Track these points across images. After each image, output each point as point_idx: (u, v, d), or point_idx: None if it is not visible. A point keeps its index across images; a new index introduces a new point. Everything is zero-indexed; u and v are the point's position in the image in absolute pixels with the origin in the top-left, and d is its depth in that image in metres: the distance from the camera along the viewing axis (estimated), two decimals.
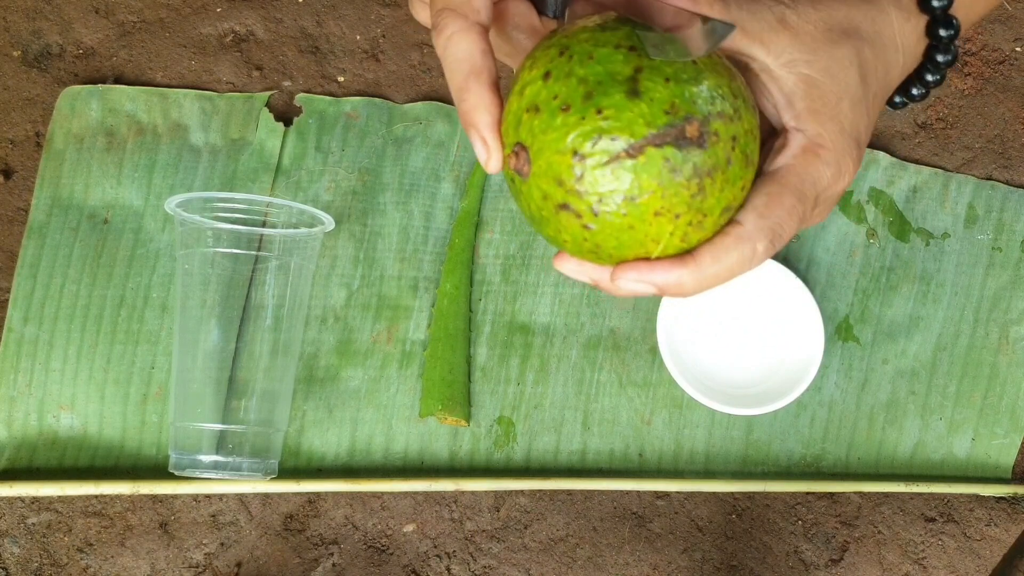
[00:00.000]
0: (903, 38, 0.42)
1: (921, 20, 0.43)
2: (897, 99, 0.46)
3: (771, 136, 0.42)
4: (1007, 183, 0.79)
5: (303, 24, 0.78)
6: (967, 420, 0.76)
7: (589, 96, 0.34)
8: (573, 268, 0.40)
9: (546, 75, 0.36)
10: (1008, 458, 0.76)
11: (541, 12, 0.41)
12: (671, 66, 0.35)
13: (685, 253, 0.37)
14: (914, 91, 0.45)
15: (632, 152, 0.34)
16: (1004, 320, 0.77)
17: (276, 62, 0.77)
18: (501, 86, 0.38)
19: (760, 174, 0.39)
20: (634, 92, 0.34)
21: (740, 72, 0.39)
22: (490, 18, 0.38)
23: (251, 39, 0.78)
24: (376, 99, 0.76)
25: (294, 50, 0.77)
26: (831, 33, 0.40)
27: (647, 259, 0.37)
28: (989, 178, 0.79)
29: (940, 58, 0.44)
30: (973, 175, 0.79)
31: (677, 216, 0.35)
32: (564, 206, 0.35)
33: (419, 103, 0.76)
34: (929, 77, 0.44)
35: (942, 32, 0.43)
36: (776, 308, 0.74)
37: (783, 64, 0.39)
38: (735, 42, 0.39)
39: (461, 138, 0.76)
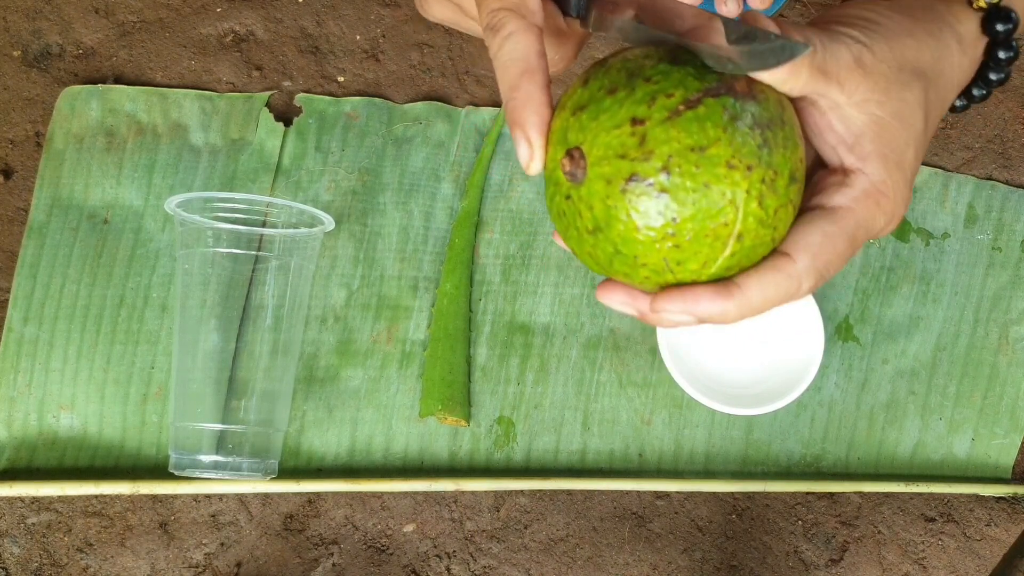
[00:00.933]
0: (961, 73, 0.42)
1: (979, 49, 0.43)
2: (958, 103, 0.45)
3: (817, 170, 0.41)
4: (1007, 183, 0.79)
5: (303, 24, 0.78)
6: (967, 420, 0.76)
7: (633, 74, 0.34)
8: (620, 299, 0.38)
9: (585, 82, 0.36)
10: (1008, 458, 0.76)
11: (565, 13, 0.41)
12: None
13: (728, 281, 0.36)
14: (975, 91, 0.45)
15: (691, 104, 0.33)
16: (1004, 320, 0.77)
17: (276, 62, 0.77)
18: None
19: (815, 207, 0.38)
20: (676, 60, 0.34)
21: (804, 107, 0.38)
22: (543, 20, 0.38)
23: (251, 39, 0.78)
24: (376, 99, 0.76)
25: (294, 50, 0.77)
26: (902, 74, 0.39)
27: (690, 286, 0.36)
28: (989, 178, 0.79)
29: (1002, 54, 0.43)
30: (973, 175, 0.79)
31: (750, 168, 0.34)
32: (632, 178, 0.34)
33: (419, 103, 0.76)
34: (992, 76, 0.44)
35: (999, 26, 0.42)
36: (776, 308, 0.74)
37: (855, 103, 0.38)
38: (812, 83, 0.37)
39: (461, 138, 0.76)
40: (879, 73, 0.38)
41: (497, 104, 0.77)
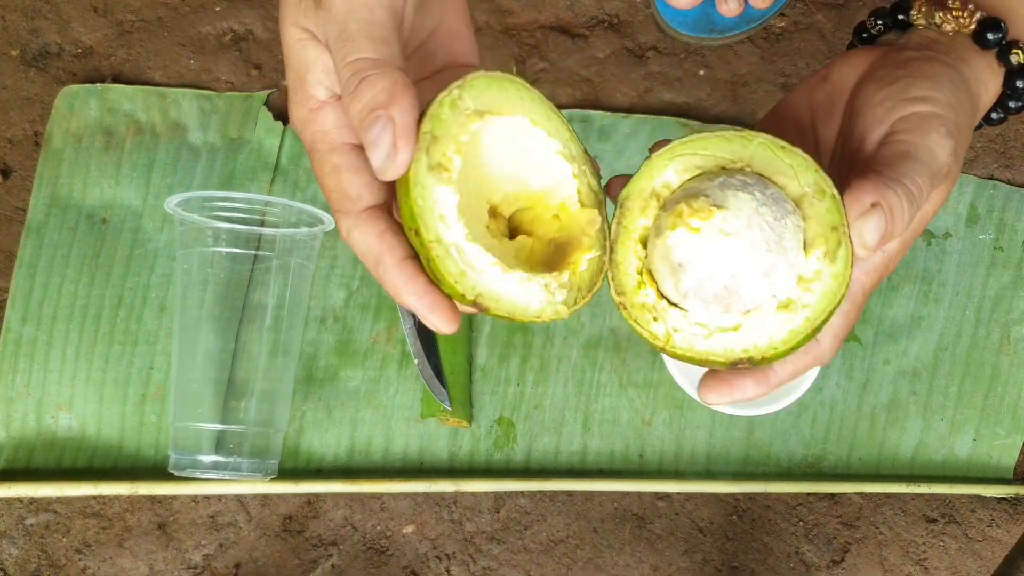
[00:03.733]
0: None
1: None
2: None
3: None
4: (1008, 183, 0.79)
5: None
6: (968, 420, 0.76)
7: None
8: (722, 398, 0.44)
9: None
10: (1009, 459, 0.76)
11: None
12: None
13: (768, 369, 0.42)
14: (993, 115, 0.47)
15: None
16: (1006, 320, 0.77)
17: (275, 61, 0.77)
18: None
19: None
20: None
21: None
22: (378, 192, 0.40)
23: (250, 38, 0.77)
24: None
25: None
26: (956, 166, 0.43)
27: (735, 377, 0.42)
28: (991, 178, 0.79)
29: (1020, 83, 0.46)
30: (974, 175, 0.78)
31: None
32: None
33: None
34: (1012, 104, 0.46)
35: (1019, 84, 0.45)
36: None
37: None
38: None
39: None
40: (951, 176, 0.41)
41: None
